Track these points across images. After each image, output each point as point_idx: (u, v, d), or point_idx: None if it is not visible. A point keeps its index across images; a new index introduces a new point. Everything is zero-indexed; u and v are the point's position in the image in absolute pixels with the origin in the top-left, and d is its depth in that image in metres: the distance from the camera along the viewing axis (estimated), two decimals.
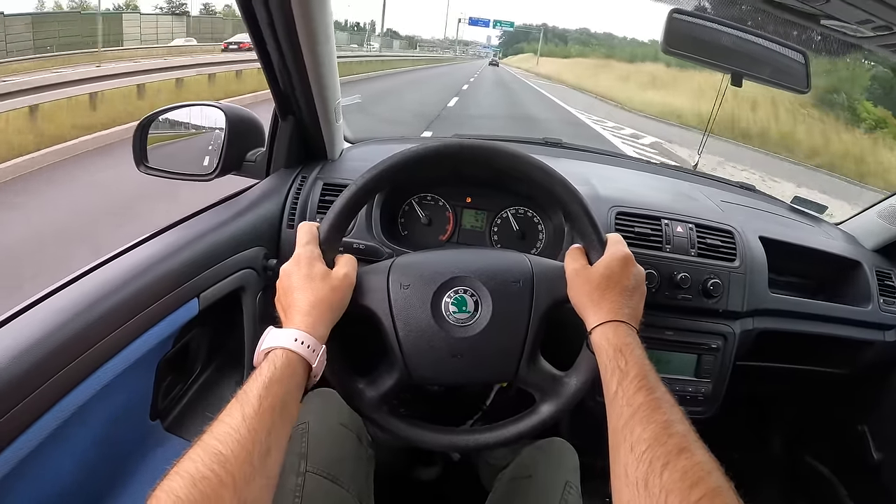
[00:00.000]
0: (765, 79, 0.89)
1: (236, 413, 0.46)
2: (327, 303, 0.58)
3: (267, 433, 0.46)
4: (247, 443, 0.44)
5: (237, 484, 0.42)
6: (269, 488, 0.46)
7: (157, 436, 0.74)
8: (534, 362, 0.64)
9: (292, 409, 0.51)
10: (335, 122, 0.94)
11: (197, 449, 0.43)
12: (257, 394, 0.48)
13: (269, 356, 0.52)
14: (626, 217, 0.90)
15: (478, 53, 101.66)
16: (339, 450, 0.73)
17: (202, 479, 0.40)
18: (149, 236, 0.75)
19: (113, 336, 0.60)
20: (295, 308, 0.57)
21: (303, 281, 0.58)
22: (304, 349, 0.53)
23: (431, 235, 0.96)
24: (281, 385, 0.50)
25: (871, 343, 1.03)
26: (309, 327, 0.55)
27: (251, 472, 0.43)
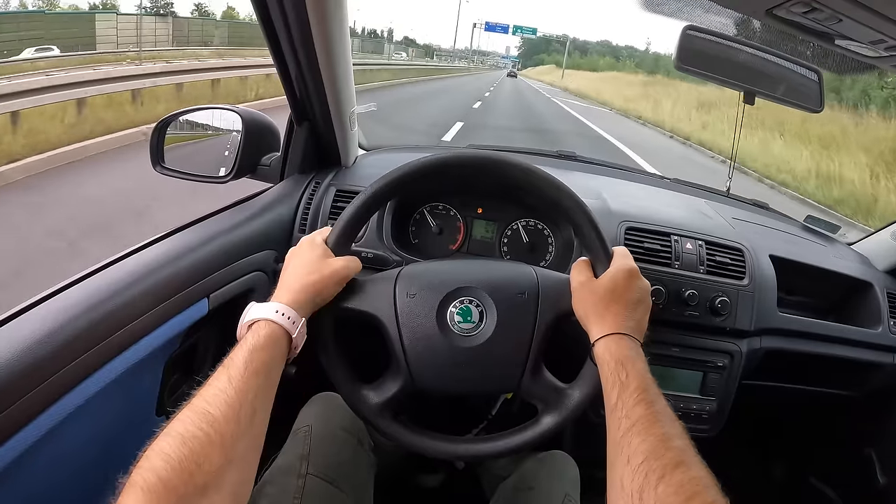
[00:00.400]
0: (778, 97, 0.89)
1: (223, 376, 0.48)
2: (317, 286, 0.60)
3: (253, 395, 0.48)
4: (234, 403, 0.46)
5: (225, 442, 0.44)
6: (256, 449, 0.48)
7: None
8: (537, 374, 0.65)
9: (275, 377, 0.54)
10: (350, 130, 0.96)
11: (186, 410, 0.45)
12: (242, 359, 0.50)
13: (252, 327, 0.55)
14: (636, 232, 0.90)
15: (496, 64, 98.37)
16: (341, 454, 0.74)
17: (191, 437, 0.42)
18: (162, 236, 0.77)
19: (121, 333, 0.61)
20: (284, 285, 0.60)
21: (297, 261, 0.62)
22: (285, 320, 0.55)
23: (442, 244, 0.97)
24: (265, 351, 0.52)
25: (880, 366, 1.02)
26: (290, 302, 0.57)
27: (238, 431, 0.45)
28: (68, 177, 4.32)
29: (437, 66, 41.96)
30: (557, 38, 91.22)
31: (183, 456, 0.41)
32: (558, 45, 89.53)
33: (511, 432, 0.66)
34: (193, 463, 0.41)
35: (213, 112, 1.04)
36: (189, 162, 1.03)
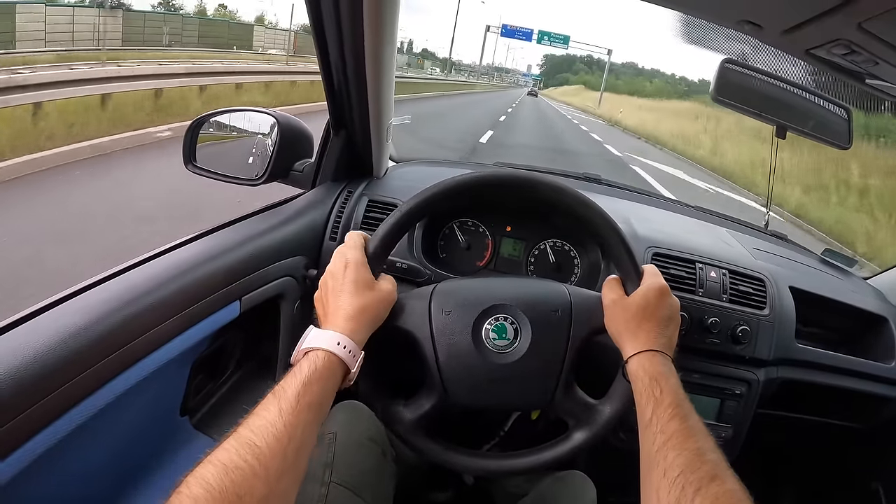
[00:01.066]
0: (808, 132, 0.91)
1: (273, 408, 0.46)
2: (371, 312, 0.60)
3: (302, 430, 0.47)
4: (282, 437, 0.45)
5: (270, 477, 0.42)
6: (297, 484, 0.47)
7: (184, 432, 0.76)
8: (569, 390, 0.66)
9: (325, 410, 0.52)
10: (385, 141, 0.97)
11: (231, 440, 0.44)
12: (295, 391, 0.48)
13: (308, 355, 0.53)
14: (662, 258, 0.91)
15: (516, 82, 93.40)
16: (365, 463, 0.74)
17: (235, 468, 0.41)
18: (194, 237, 0.77)
19: (154, 331, 0.61)
20: (340, 311, 0.58)
21: (350, 285, 0.59)
22: (345, 353, 0.54)
23: (469, 260, 0.97)
24: (319, 385, 0.51)
25: (891, 400, 1.03)
26: (350, 332, 0.56)
27: (284, 466, 0.44)
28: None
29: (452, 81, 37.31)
30: (582, 58, 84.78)
31: (224, 486, 0.40)
32: (583, 65, 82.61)
33: (542, 448, 0.67)
34: (234, 494, 0.40)
35: (245, 114, 1.06)
36: (219, 162, 1.04)
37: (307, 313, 0.90)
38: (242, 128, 1.06)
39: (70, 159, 4.33)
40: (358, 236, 0.65)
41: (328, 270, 0.62)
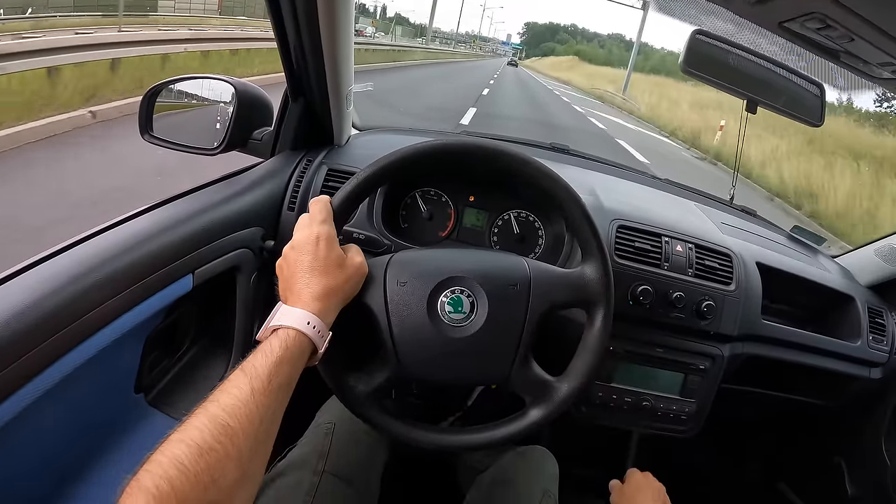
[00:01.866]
0: (779, 108, 0.89)
1: (245, 387, 0.45)
2: (341, 291, 0.58)
3: (272, 411, 0.46)
4: (255, 418, 0.44)
5: (243, 459, 0.42)
6: (264, 465, 0.46)
7: (139, 408, 0.74)
8: (526, 366, 0.65)
9: (291, 390, 0.51)
10: (345, 108, 0.93)
11: (203, 418, 0.42)
12: (267, 371, 0.47)
13: (278, 333, 0.51)
14: (628, 231, 0.90)
15: (495, 51, 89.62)
16: (359, 454, 0.73)
17: (209, 450, 0.40)
18: (146, 208, 0.74)
19: (104, 307, 0.59)
20: (308, 290, 0.55)
21: (321, 263, 0.57)
22: (315, 333, 0.53)
23: (431, 230, 0.96)
24: (289, 365, 0.50)
25: (856, 378, 1.04)
26: (320, 312, 0.54)
27: (255, 447, 0.44)
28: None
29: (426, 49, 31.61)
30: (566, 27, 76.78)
31: (199, 469, 0.39)
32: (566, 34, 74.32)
33: (497, 424, 0.66)
34: (209, 477, 0.39)
35: (204, 82, 1.02)
36: (178, 131, 1.00)
37: (264, 286, 0.87)
38: (204, 96, 1.03)
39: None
40: (325, 206, 0.61)
41: (295, 242, 0.59)
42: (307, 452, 0.70)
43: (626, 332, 0.88)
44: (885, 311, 1.08)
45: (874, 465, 1.05)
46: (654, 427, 0.93)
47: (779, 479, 1.31)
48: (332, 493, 0.66)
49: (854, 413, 1.12)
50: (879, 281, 1.11)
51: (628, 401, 0.90)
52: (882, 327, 1.06)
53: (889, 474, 1.01)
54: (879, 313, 1.07)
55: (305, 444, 0.73)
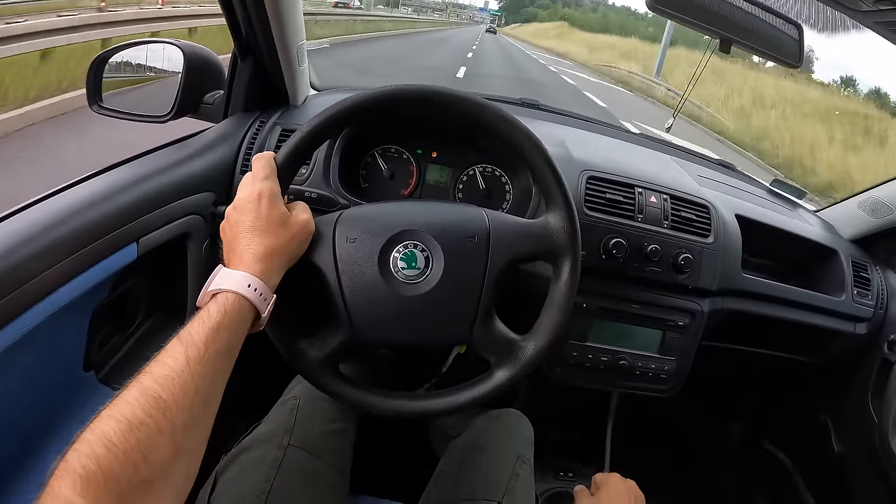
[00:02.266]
0: (756, 48, 0.85)
1: (179, 356, 0.43)
2: (285, 251, 0.55)
3: (210, 380, 0.44)
4: (189, 388, 0.41)
5: (176, 432, 0.39)
6: (206, 438, 0.44)
7: (90, 387, 0.70)
8: (488, 324, 0.61)
9: (234, 357, 0.48)
10: (298, 66, 0.89)
11: (134, 391, 0.40)
12: (204, 338, 0.44)
13: (217, 298, 0.49)
14: (598, 182, 0.86)
15: (472, 18, 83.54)
16: (325, 425, 0.71)
17: (140, 424, 0.37)
18: (90, 175, 0.70)
19: (39, 279, 0.55)
20: (249, 251, 0.52)
21: (263, 222, 0.54)
22: (256, 296, 0.50)
23: (393, 189, 0.92)
24: (229, 331, 0.47)
25: (841, 333, 1.02)
26: (262, 273, 0.51)
27: (191, 420, 0.41)
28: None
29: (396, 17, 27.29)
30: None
31: (129, 446, 0.36)
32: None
33: (461, 388, 0.63)
34: (140, 454, 0.36)
35: (154, 47, 0.97)
36: (130, 101, 0.97)
37: (217, 254, 0.84)
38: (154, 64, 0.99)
39: None
40: (269, 162, 0.58)
41: (237, 202, 0.56)
42: (272, 428, 0.68)
43: (600, 287, 0.85)
44: (869, 265, 1.05)
45: (860, 421, 1.03)
46: (633, 387, 0.90)
47: (764, 438, 1.30)
48: (298, 465, 0.64)
49: (840, 370, 1.10)
50: (863, 234, 1.08)
51: (604, 360, 0.87)
52: (867, 281, 1.03)
53: (876, 431, 0.99)
54: (864, 267, 1.04)
55: (271, 420, 0.70)
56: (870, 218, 1.06)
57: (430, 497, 0.72)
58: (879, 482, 0.99)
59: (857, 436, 1.05)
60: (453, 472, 0.74)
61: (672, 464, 1.38)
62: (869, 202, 1.07)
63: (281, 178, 0.58)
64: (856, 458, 1.06)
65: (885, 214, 1.04)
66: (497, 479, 0.70)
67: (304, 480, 0.64)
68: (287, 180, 0.60)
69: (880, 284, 1.04)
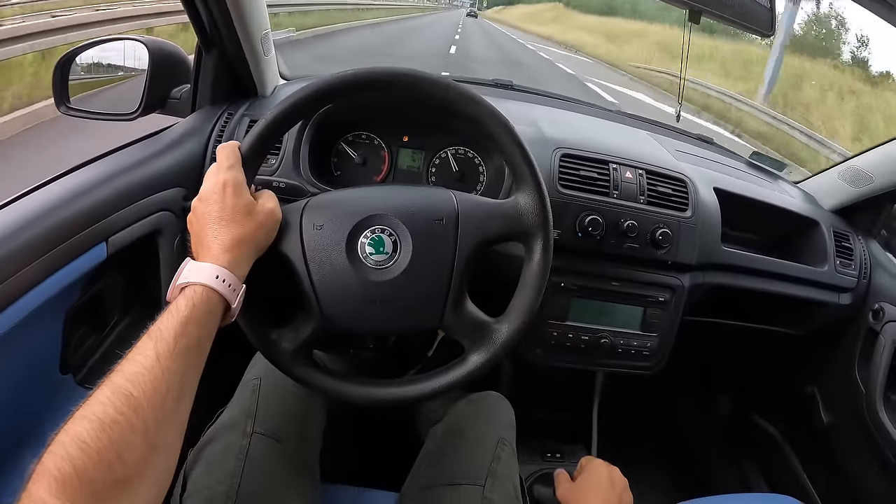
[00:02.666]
0: (727, 18, 0.83)
1: (149, 352, 0.42)
2: (252, 241, 0.54)
3: (182, 375, 0.43)
4: (160, 385, 0.41)
5: (149, 429, 0.39)
6: (181, 434, 0.44)
7: (68, 390, 0.70)
8: (460, 308, 0.60)
9: (206, 351, 0.48)
10: (264, 55, 0.87)
11: (105, 390, 0.39)
12: (173, 332, 0.44)
13: (186, 292, 0.48)
14: (571, 159, 0.85)
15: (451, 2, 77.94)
16: (290, 409, 0.70)
17: (112, 423, 0.37)
18: (57, 176, 0.69)
19: (8, 283, 0.55)
20: (216, 242, 0.52)
21: (228, 212, 0.53)
22: (225, 287, 0.49)
23: (365, 176, 0.91)
24: (198, 325, 0.46)
25: (825, 304, 1.02)
26: (230, 264, 0.51)
27: (163, 416, 0.41)
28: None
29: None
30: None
31: (102, 445, 0.36)
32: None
33: (435, 373, 0.62)
34: (114, 453, 0.36)
35: (121, 44, 0.96)
36: (98, 100, 0.96)
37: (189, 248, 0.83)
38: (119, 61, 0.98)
39: None
40: (233, 151, 0.57)
41: (202, 193, 0.55)
42: (236, 414, 0.67)
43: (578, 265, 0.84)
44: (851, 235, 1.05)
45: (847, 392, 1.04)
46: (616, 365, 0.90)
47: (752, 412, 1.30)
48: (264, 453, 0.63)
49: (825, 341, 1.10)
50: (844, 204, 1.08)
51: (585, 339, 0.87)
52: (849, 251, 1.03)
53: (863, 400, 0.99)
54: (846, 237, 1.04)
55: (234, 404, 0.69)
56: (850, 188, 1.06)
57: (413, 483, 0.72)
58: (868, 451, 1.00)
59: (845, 406, 1.05)
60: (435, 457, 0.74)
61: (661, 441, 1.39)
62: (849, 172, 1.06)
63: (246, 167, 0.57)
64: (844, 428, 1.07)
65: (865, 184, 1.04)
66: (479, 462, 0.70)
67: (273, 470, 0.64)
68: (253, 169, 0.59)
69: (863, 254, 1.04)
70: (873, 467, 1.00)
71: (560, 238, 0.79)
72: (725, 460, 1.33)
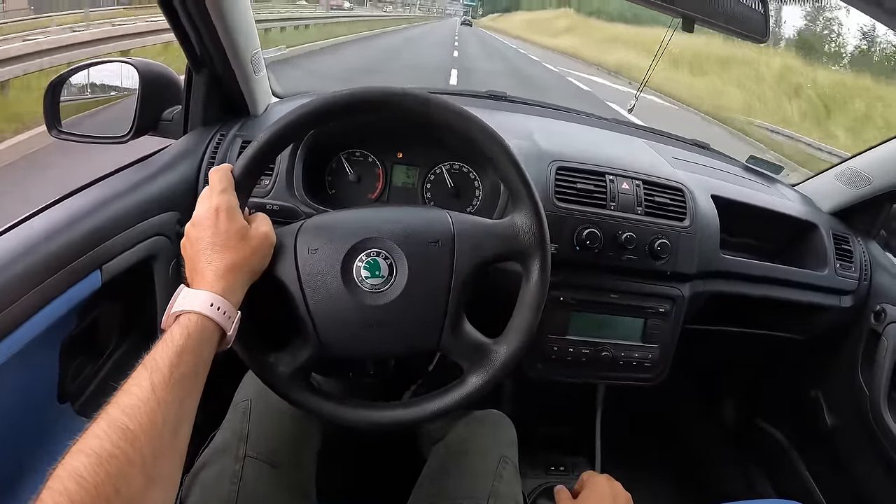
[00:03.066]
0: (720, 25, 0.83)
1: (144, 383, 0.42)
2: (247, 266, 0.53)
3: (178, 405, 0.43)
4: (156, 416, 0.40)
5: (146, 462, 0.39)
6: (179, 465, 0.43)
7: (67, 419, 0.69)
8: (458, 330, 0.60)
9: (202, 380, 0.47)
10: (254, 75, 0.87)
11: (101, 423, 0.39)
12: (168, 362, 0.44)
13: (180, 320, 0.48)
14: (568, 172, 0.84)
15: (443, 11, 76.77)
16: (282, 432, 0.69)
17: (109, 457, 0.37)
18: (48, 205, 0.69)
19: (3, 316, 0.54)
20: (210, 268, 0.51)
21: (222, 238, 0.52)
22: (220, 315, 0.49)
23: (360, 194, 0.90)
24: (194, 354, 0.46)
25: (827, 308, 1.01)
26: (224, 291, 0.50)
27: (161, 448, 0.40)
28: None
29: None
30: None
31: (99, 480, 0.36)
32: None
33: (434, 395, 0.61)
34: (111, 487, 0.36)
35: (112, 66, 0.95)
36: (93, 123, 0.96)
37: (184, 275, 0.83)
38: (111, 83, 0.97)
39: None
40: (225, 175, 0.56)
41: (195, 218, 0.55)
42: (227, 437, 0.66)
43: (576, 279, 0.84)
44: (850, 237, 1.05)
45: (851, 394, 1.03)
46: (618, 378, 0.89)
47: (757, 417, 1.30)
48: (258, 477, 0.63)
49: (828, 344, 1.09)
50: (842, 206, 1.07)
51: (586, 352, 0.86)
52: (849, 254, 1.03)
53: (867, 402, 0.99)
54: (845, 239, 1.04)
55: (226, 426, 0.69)
56: (848, 189, 1.06)
57: (415, 502, 0.71)
58: (873, 453, 0.99)
59: (849, 408, 1.05)
60: (437, 475, 0.73)
61: (664, 450, 1.38)
62: (846, 173, 1.06)
63: (239, 190, 0.56)
64: (849, 430, 1.06)
65: (863, 185, 1.03)
66: (480, 481, 0.69)
67: (268, 494, 0.63)
68: (246, 192, 0.58)
69: (863, 255, 1.04)
70: (878, 469, 0.99)
71: (558, 252, 0.79)
72: (731, 466, 1.32)
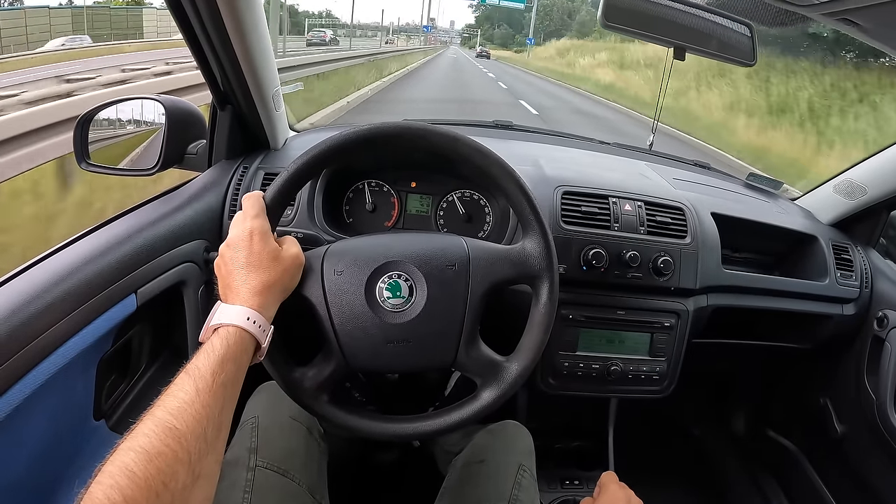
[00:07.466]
0: (710, 52, 0.88)
1: (189, 387, 0.45)
2: (279, 284, 0.57)
3: (220, 409, 0.46)
4: (201, 418, 0.44)
5: (192, 460, 0.41)
6: (219, 464, 0.46)
7: (102, 436, 0.72)
8: (472, 347, 0.64)
9: (239, 387, 0.51)
10: (275, 111, 0.92)
11: (149, 423, 0.42)
12: (211, 370, 0.47)
13: (219, 332, 0.51)
14: (573, 196, 0.89)
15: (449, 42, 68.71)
16: (290, 443, 0.72)
17: (158, 454, 0.39)
18: (85, 233, 0.73)
19: (45, 336, 0.58)
20: (246, 286, 0.55)
21: (255, 258, 0.56)
22: (256, 328, 0.53)
23: (376, 222, 0.95)
24: (233, 363, 0.49)
25: (830, 317, 1.04)
26: (259, 307, 0.54)
27: (205, 447, 0.43)
28: None
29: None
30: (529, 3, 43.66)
31: (149, 474, 0.38)
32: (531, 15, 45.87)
33: (450, 409, 0.65)
34: (160, 482, 0.39)
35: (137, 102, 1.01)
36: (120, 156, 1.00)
37: (212, 297, 0.86)
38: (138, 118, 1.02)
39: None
40: (258, 201, 0.61)
41: (230, 240, 0.59)
42: (237, 451, 0.70)
43: (584, 297, 0.87)
44: (850, 247, 1.07)
45: (859, 400, 1.05)
46: (628, 391, 0.92)
47: (766, 427, 1.31)
48: (269, 485, 0.65)
49: (833, 352, 1.11)
50: (841, 217, 1.11)
51: (596, 367, 0.89)
52: (849, 263, 1.05)
53: (875, 408, 1.00)
54: (844, 249, 1.07)
55: (235, 444, 0.72)
56: (846, 200, 1.09)
57: None
58: (884, 458, 1.00)
59: (857, 415, 1.06)
60: (457, 487, 0.75)
61: (677, 461, 1.39)
62: (844, 185, 1.09)
63: (270, 215, 0.61)
64: (858, 437, 1.08)
65: (860, 195, 1.07)
66: (500, 489, 0.72)
67: (281, 501, 0.65)
68: (276, 218, 0.63)
69: (863, 264, 1.06)
70: (890, 473, 1.00)
71: (566, 272, 0.83)
72: (743, 476, 1.33)
